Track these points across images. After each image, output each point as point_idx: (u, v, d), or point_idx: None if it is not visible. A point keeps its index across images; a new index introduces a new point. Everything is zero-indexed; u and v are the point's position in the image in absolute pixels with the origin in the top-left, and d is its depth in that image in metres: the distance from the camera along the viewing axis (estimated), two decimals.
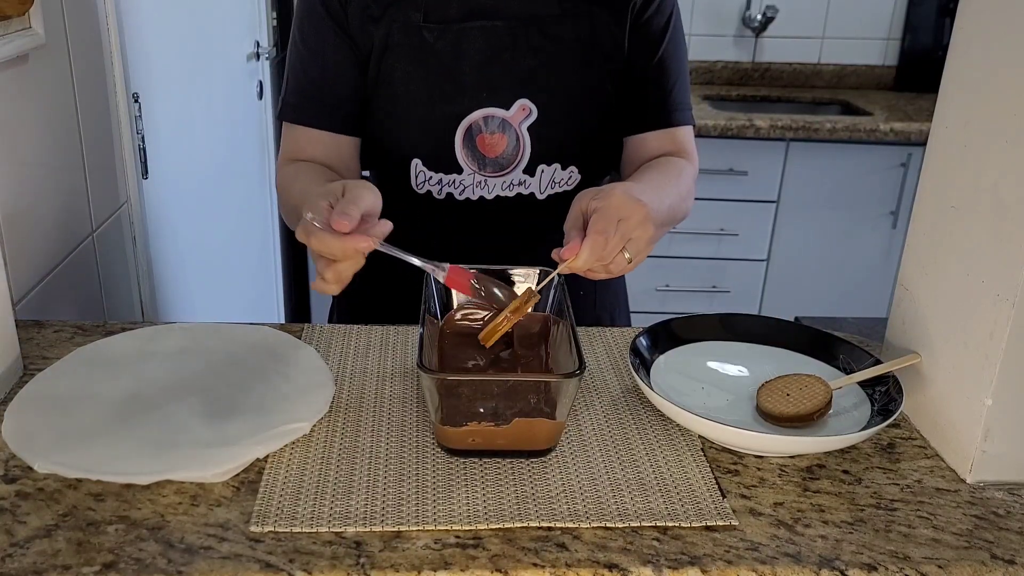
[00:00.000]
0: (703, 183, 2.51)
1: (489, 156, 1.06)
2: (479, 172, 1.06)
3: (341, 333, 0.99)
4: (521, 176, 1.07)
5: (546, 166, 1.07)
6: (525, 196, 1.08)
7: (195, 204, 1.80)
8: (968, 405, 0.77)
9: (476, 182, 1.07)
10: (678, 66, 1.11)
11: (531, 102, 1.04)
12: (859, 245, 2.65)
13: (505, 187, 1.07)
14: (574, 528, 0.69)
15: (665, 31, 1.08)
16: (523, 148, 1.05)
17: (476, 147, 1.05)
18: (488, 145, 1.05)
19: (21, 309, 1.06)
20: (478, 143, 1.05)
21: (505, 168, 1.06)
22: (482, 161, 1.06)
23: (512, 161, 1.06)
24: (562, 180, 1.08)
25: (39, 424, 0.76)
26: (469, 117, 1.04)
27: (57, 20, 1.17)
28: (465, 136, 1.05)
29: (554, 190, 1.08)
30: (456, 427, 0.74)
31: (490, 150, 1.05)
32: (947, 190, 0.81)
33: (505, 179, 1.07)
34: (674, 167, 1.06)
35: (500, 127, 1.04)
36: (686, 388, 0.87)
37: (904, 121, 2.54)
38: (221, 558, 0.64)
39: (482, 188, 1.07)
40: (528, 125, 1.05)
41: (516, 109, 1.04)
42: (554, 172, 1.07)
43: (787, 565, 0.66)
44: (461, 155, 1.05)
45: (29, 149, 1.10)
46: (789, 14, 2.92)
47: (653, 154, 1.10)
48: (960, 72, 0.80)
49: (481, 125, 1.04)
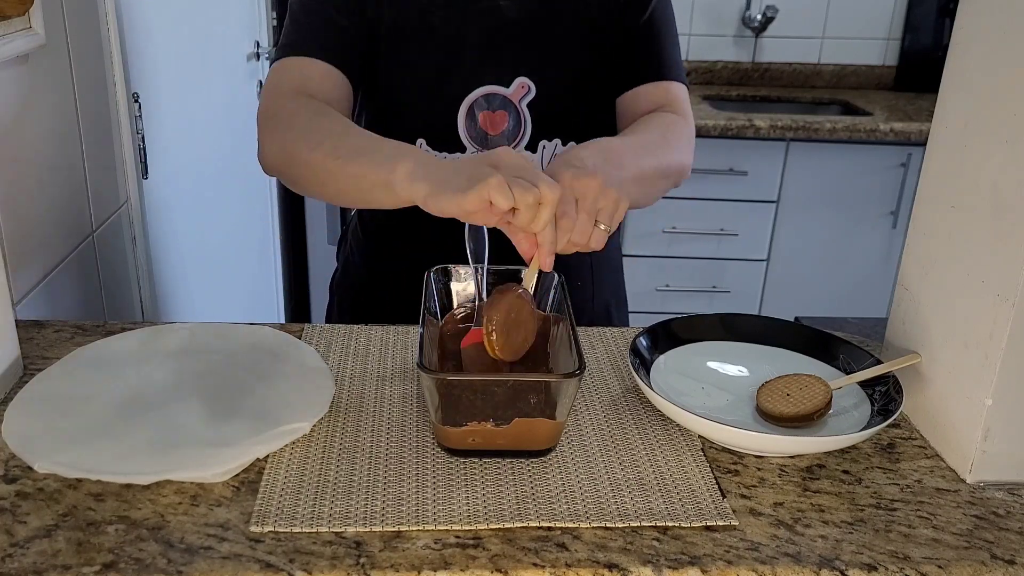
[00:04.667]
0: (703, 183, 2.54)
1: (492, 133, 1.07)
2: (482, 150, 1.07)
3: (341, 333, 0.99)
4: (525, 152, 1.08)
5: (547, 142, 1.08)
6: None
7: (195, 204, 1.80)
8: (968, 405, 0.77)
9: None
10: (668, 28, 1.10)
11: (529, 80, 1.05)
12: (859, 245, 2.65)
13: None
14: (574, 528, 0.69)
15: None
16: (524, 125, 1.06)
17: (479, 125, 1.06)
18: (490, 122, 1.06)
19: (21, 309, 1.06)
20: (480, 120, 1.06)
21: (509, 144, 1.07)
22: (485, 139, 1.07)
23: (514, 138, 1.07)
24: None
25: (39, 424, 0.76)
26: (471, 95, 1.05)
27: (57, 20, 1.17)
28: (468, 114, 1.06)
29: None
30: (456, 427, 0.74)
31: (492, 127, 1.06)
32: (947, 190, 0.81)
33: None
34: (660, 121, 1.04)
35: (501, 104, 1.05)
36: (686, 388, 0.87)
37: (904, 121, 2.54)
38: (221, 558, 0.64)
39: None
40: (528, 102, 1.06)
41: (515, 87, 1.05)
42: (555, 148, 1.08)
43: (787, 565, 0.66)
44: (464, 133, 1.06)
45: (29, 149, 1.10)
46: (789, 14, 2.92)
47: (646, 108, 1.08)
48: (960, 72, 0.80)
49: (483, 103, 1.05)
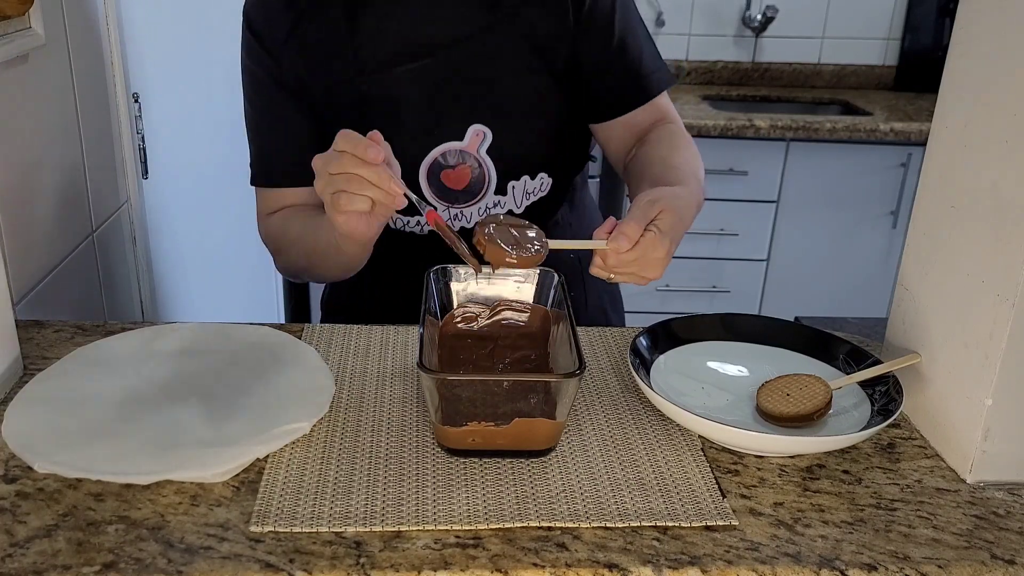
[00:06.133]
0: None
1: (457, 189, 1.04)
2: (453, 206, 1.05)
3: (341, 333, 0.99)
4: (494, 198, 1.06)
5: (515, 181, 1.05)
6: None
7: (195, 204, 1.80)
8: (968, 405, 0.77)
9: (453, 215, 1.06)
10: (636, 37, 1.06)
11: (483, 126, 1.02)
12: (859, 245, 2.65)
13: (482, 212, 1.06)
14: (574, 528, 0.69)
15: (613, 10, 1.04)
16: (488, 172, 1.04)
17: (443, 183, 1.04)
18: (453, 179, 1.04)
19: (21, 309, 1.06)
20: (443, 179, 1.04)
21: (477, 195, 1.05)
22: (452, 195, 1.05)
23: (481, 187, 1.05)
24: (535, 189, 1.07)
25: (39, 424, 0.76)
26: (427, 158, 1.03)
27: (57, 20, 1.17)
28: (429, 176, 1.03)
29: (530, 200, 1.08)
30: (456, 427, 0.74)
31: (456, 183, 1.04)
32: (947, 190, 0.81)
33: (480, 205, 1.06)
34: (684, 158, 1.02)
35: (460, 158, 1.03)
36: (686, 388, 0.87)
37: (904, 121, 2.53)
38: (221, 558, 0.64)
39: (460, 219, 1.06)
40: (486, 149, 1.03)
41: (470, 137, 1.02)
42: (524, 184, 1.06)
43: (787, 565, 0.66)
44: (430, 195, 1.04)
45: (29, 149, 1.10)
46: (789, 14, 2.92)
47: (643, 129, 1.08)
48: (960, 72, 0.80)
49: (441, 161, 1.03)
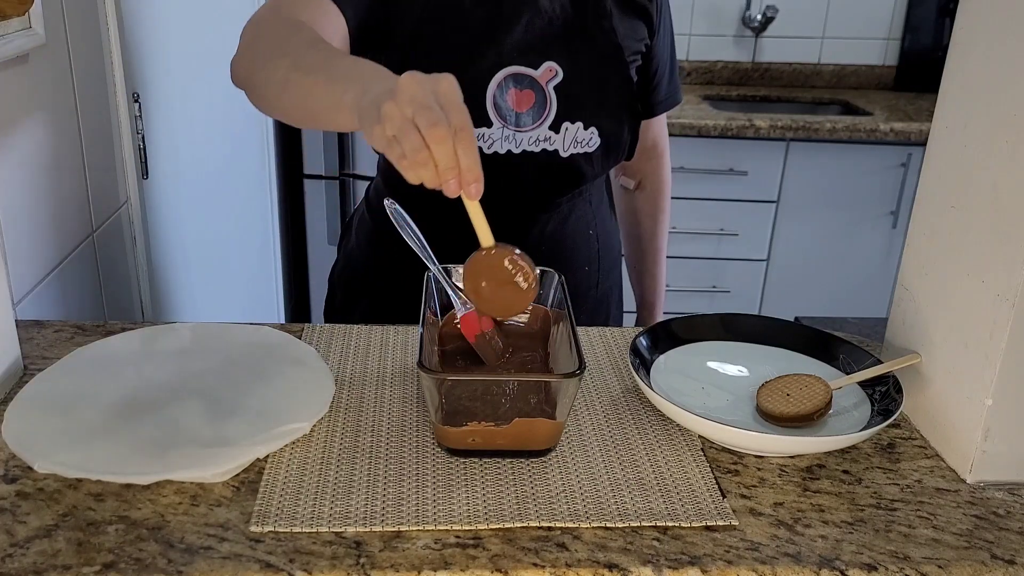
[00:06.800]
0: (703, 183, 2.54)
1: (518, 111, 1.09)
2: (507, 126, 1.09)
3: (341, 333, 0.99)
4: (547, 132, 1.10)
5: (570, 123, 1.10)
6: (550, 152, 1.11)
7: (195, 204, 1.80)
8: (968, 405, 0.77)
9: (504, 136, 1.10)
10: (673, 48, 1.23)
11: (557, 64, 1.08)
12: (859, 245, 2.65)
13: (532, 142, 1.10)
14: (574, 528, 0.69)
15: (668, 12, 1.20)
16: (549, 105, 1.09)
17: (506, 102, 1.08)
18: (517, 100, 1.09)
19: (21, 309, 1.06)
20: (508, 98, 1.08)
21: (533, 123, 1.10)
22: (511, 116, 1.09)
23: (539, 117, 1.10)
24: (583, 140, 1.12)
25: (39, 424, 0.76)
26: (500, 73, 1.08)
27: (57, 20, 1.17)
28: (496, 91, 1.08)
29: (576, 149, 1.12)
30: (456, 427, 0.74)
31: (519, 105, 1.09)
32: (947, 190, 0.81)
33: (532, 134, 1.10)
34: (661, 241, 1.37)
35: (529, 84, 1.09)
36: (686, 388, 0.87)
37: (904, 121, 2.53)
38: (221, 558, 0.64)
39: (510, 142, 1.10)
40: (555, 84, 1.09)
41: (544, 69, 1.09)
42: (576, 131, 1.11)
43: (787, 565, 0.66)
44: (491, 110, 1.08)
45: (29, 149, 1.10)
46: (789, 14, 2.92)
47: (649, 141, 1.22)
48: (960, 72, 0.80)
49: (511, 81, 1.08)
